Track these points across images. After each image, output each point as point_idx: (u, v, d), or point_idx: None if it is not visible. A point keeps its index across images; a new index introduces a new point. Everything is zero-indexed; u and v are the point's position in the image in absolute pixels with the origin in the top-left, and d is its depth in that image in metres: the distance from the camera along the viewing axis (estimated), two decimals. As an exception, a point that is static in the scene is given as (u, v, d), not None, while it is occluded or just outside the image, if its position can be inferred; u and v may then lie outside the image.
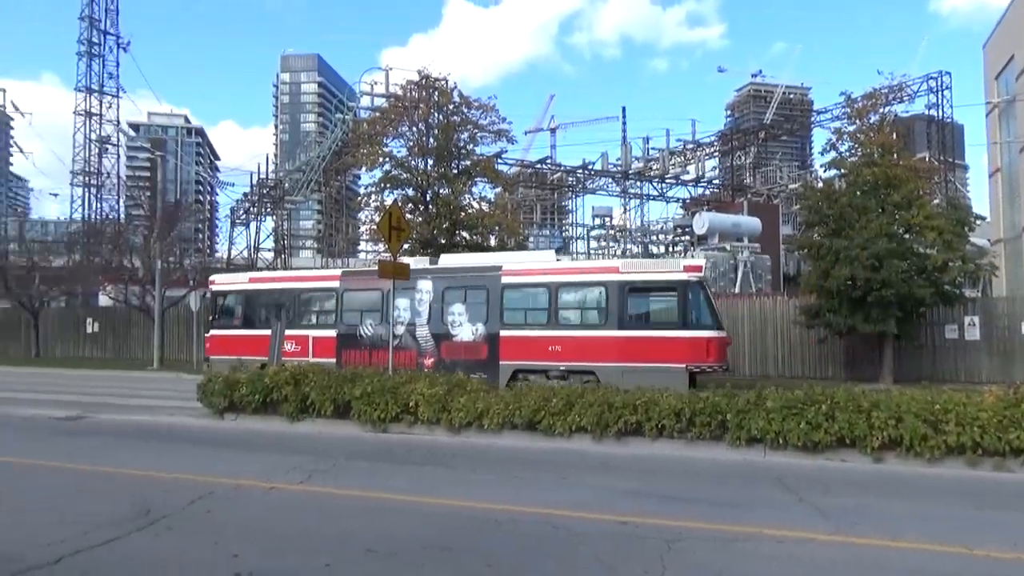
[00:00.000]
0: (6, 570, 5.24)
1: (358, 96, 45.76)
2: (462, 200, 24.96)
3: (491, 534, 6.22)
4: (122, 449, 10.63)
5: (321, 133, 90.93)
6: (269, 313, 21.99)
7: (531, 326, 18.52)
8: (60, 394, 18.97)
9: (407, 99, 25.86)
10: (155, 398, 17.89)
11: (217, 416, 13.44)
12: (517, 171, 49.75)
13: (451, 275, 19.90)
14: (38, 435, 11.98)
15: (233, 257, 50.80)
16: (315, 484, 8.09)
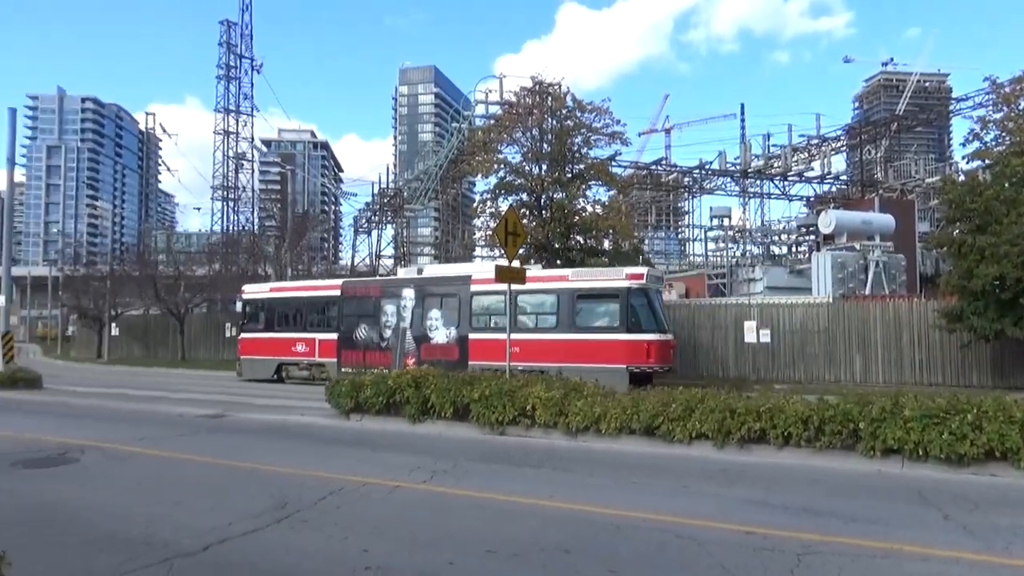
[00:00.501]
0: (161, 555, 5.70)
1: (473, 105, 46.69)
2: (576, 204, 24.97)
3: (611, 539, 6.18)
4: (259, 446, 11.32)
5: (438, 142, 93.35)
6: (284, 318, 25.31)
7: (494, 330, 20.15)
8: (204, 394, 20.42)
9: (521, 105, 26.16)
10: (287, 399, 18.91)
11: (344, 416, 14.04)
12: (631, 173, 49.21)
13: (430, 284, 22.26)
14: (187, 431, 12.95)
15: (356, 264, 52.94)
16: (437, 484, 8.32)
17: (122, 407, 17.12)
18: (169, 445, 11.19)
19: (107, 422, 14.37)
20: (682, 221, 77.96)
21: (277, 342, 25.06)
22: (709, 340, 25.18)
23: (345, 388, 14.11)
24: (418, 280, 22.90)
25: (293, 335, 24.90)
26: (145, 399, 18.65)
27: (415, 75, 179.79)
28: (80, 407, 17.35)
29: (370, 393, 13.66)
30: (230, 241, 51.30)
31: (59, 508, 7.34)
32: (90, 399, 18.90)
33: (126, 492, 8.20)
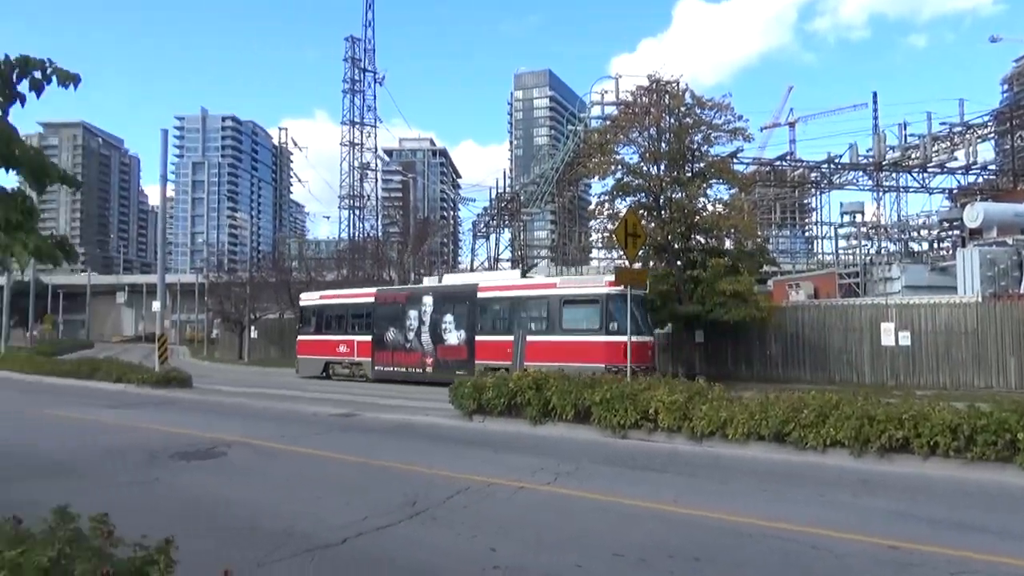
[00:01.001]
0: (303, 546, 6.03)
1: (588, 106, 46.56)
2: (696, 203, 24.35)
3: (742, 548, 5.99)
4: (388, 445, 11.75)
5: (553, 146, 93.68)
6: (331, 322, 28.63)
7: (496, 332, 22.74)
8: (334, 394, 21.42)
9: (637, 105, 25.80)
10: (411, 400, 19.52)
11: (466, 417, 14.33)
12: (754, 170, 47.48)
13: (445, 292, 24.99)
14: (321, 429, 13.64)
15: (475, 268, 53.96)
16: (561, 486, 8.34)
17: (262, 405, 18.23)
18: (306, 442, 11.81)
19: (250, 419, 15.35)
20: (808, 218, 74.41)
21: (325, 343, 28.46)
22: (842, 343, 23.92)
23: (467, 390, 14.39)
24: (435, 288, 25.87)
25: (337, 337, 28.18)
26: (282, 398, 19.78)
27: (529, 79, 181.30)
28: (226, 405, 18.63)
29: (492, 395, 13.86)
30: (356, 247, 53.61)
31: (209, 499, 7.92)
32: (234, 398, 20.25)
33: (269, 486, 8.74)
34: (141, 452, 10.71)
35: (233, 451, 10.89)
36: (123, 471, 9.38)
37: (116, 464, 9.88)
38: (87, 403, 18.63)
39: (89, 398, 20.20)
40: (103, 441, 12.12)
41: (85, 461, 10.15)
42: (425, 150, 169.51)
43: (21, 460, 10.23)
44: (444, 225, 72.61)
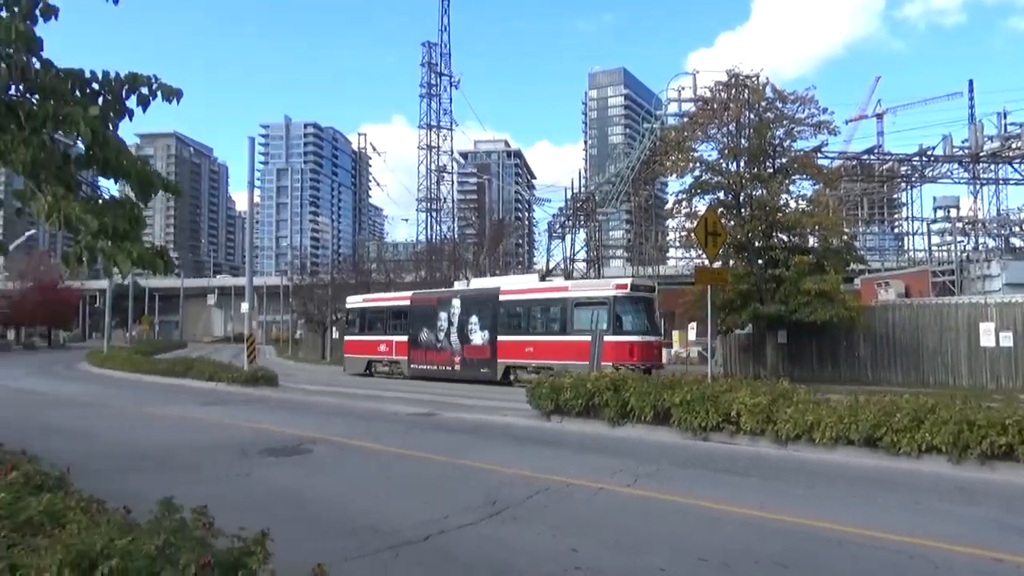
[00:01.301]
0: (387, 542, 6.17)
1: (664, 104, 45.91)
2: (778, 200, 23.64)
3: (833, 556, 5.79)
4: (467, 444, 11.89)
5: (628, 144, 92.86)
6: (372, 323, 30.84)
7: (517, 332, 24.45)
8: (412, 393, 21.80)
9: (716, 101, 25.26)
10: (491, 400, 19.69)
11: (544, 418, 14.35)
12: (839, 164, 45.77)
13: (471, 295, 26.69)
14: (402, 428, 13.91)
15: (551, 269, 53.97)
16: (641, 487, 8.26)
17: (345, 404, 18.72)
18: (388, 440, 12.07)
19: (333, 417, 15.81)
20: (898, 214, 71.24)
21: (367, 343, 30.69)
22: (936, 344, 22.80)
23: (545, 391, 14.41)
24: (463, 292, 27.60)
25: (378, 338, 30.28)
26: (363, 397, 20.27)
27: (604, 79, 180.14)
28: (310, 403, 19.23)
29: (569, 396, 13.84)
30: (433, 249, 54.47)
31: (297, 494, 8.19)
32: (318, 396, 20.88)
33: (354, 482, 8.98)
34: (233, 448, 11.18)
35: (318, 448, 11.23)
36: (217, 466, 9.81)
37: (210, 459, 10.34)
38: (182, 400, 19.57)
39: (184, 395, 21.22)
40: (198, 437, 12.70)
41: (182, 456, 10.66)
42: (500, 152, 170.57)
43: (126, 455, 10.83)
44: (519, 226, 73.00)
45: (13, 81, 2.96)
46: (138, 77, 3.16)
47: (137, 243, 2.98)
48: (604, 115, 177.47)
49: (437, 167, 67.80)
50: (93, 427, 14.47)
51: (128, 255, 2.89)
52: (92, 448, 11.39)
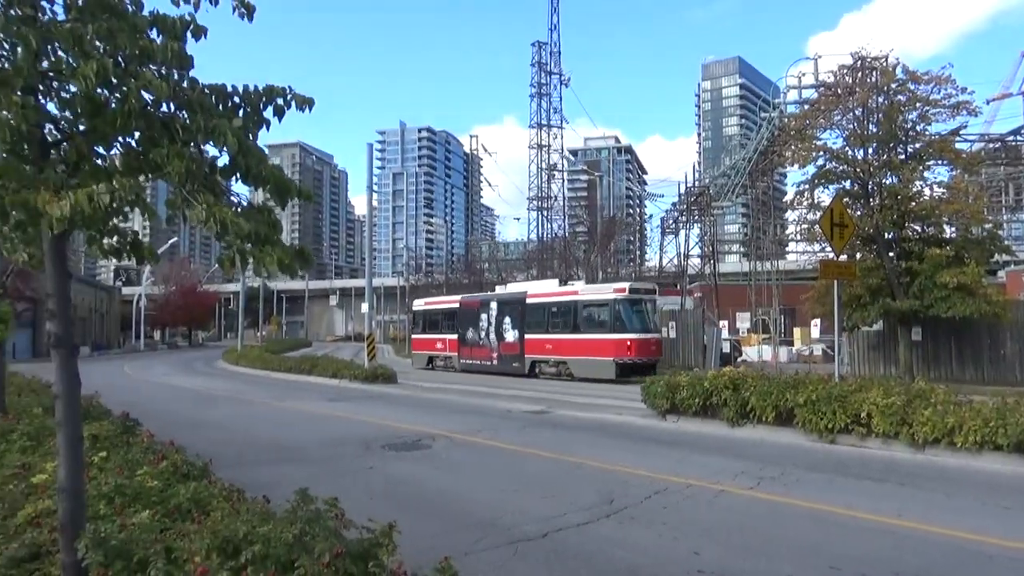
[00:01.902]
0: (506, 537, 6.25)
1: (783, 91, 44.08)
2: (911, 187, 22.17)
3: (981, 570, 5.38)
4: (582, 441, 11.87)
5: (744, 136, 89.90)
6: (431, 323, 34.41)
7: (539, 331, 27.53)
8: (527, 391, 21.97)
9: (840, 85, 23.97)
10: (602, 398, 19.56)
11: (659, 417, 14.11)
12: (980, 148, 42.44)
13: (504, 298, 30.40)
14: (517, 425, 14.06)
15: (663, 266, 53.03)
16: (765, 491, 7.97)
17: (460, 401, 19.13)
18: (504, 437, 12.24)
19: (451, 414, 16.18)
20: (1050, 199, 65.15)
21: (428, 341, 34.53)
22: (1098, 341, 20.74)
23: (661, 389, 14.16)
24: (499, 295, 31.35)
25: (435, 336, 33.80)
26: (478, 394, 20.62)
27: (717, 68, 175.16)
28: (428, 400, 19.77)
29: (686, 394, 13.55)
30: (544, 248, 54.70)
31: (418, 487, 8.44)
32: (435, 393, 21.43)
33: (472, 477, 9.16)
34: (357, 442, 11.65)
35: (437, 443, 11.53)
36: (343, 458, 10.26)
37: (337, 452, 10.83)
38: (309, 396, 20.60)
39: (310, 391, 22.33)
40: (324, 431, 13.34)
41: (311, 448, 11.22)
42: (610, 148, 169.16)
43: (261, 446, 11.52)
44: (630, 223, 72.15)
45: (167, 98, 3.21)
46: (274, 89, 3.37)
47: (278, 246, 3.18)
48: (718, 106, 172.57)
49: (547, 166, 67.98)
50: (231, 420, 15.49)
51: (272, 257, 3.08)
52: (231, 439, 12.19)
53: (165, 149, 3.11)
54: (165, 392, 23.15)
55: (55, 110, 3.44)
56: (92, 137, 3.40)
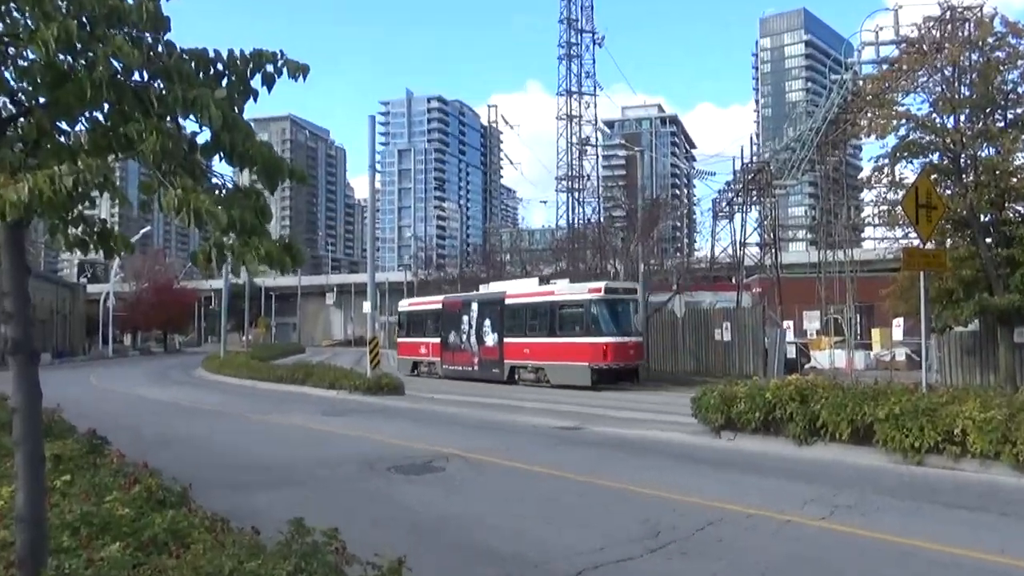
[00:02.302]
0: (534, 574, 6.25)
1: (857, 49, 43.48)
2: (1013, 161, 21.82)
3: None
4: (620, 462, 11.84)
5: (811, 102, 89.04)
6: (414, 326, 36.63)
7: (518, 334, 29.76)
8: (556, 404, 21.96)
9: (926, 41, 23.66)
10: (645, 412, 19.51)
11: (712, 434, 14.05)
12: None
13: (485, 299, 32.34)
14: (545, 443, 14.09)
15: (716, 256, 52.72)
16: (839, 521, 7.89)
17: (480, 416, 19.19)
18: (529, 457, 12.24)
19: (468, 430, 16.24)
20: None
21: (412, 345, 36.47)
22: None
23: (714, 401, 14.09)
24: (479, 296, 33.26)
25: (419, 340, 35.74)
26: (500, 408, 20.67)
27: (778, 23, 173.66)
28: (440, 415, 19.86)
29: (744, 407, 13.47)
30: (576, 236, 54.60)
31: (430, 515, 8.47)
32: (449, 407, 21.51)
33: (491, 504, 9.17)
34: (358, 463, 11.73)
35: (451, 465, 11.57)
36: (342, 482, 10.34)
37: (335, 474, 10.91)
38: (303, 409, 20.77)
39: (304, 404, 22.51)
40: (321, 450, 13.45)
41: (306, 471, 11.31)
42: (652, 118, 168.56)
43: (248, 468, 11.64)
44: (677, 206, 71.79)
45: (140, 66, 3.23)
46: (263, 54, 3.37)
47: (265, 237, 3.17)
48: (780, 68, 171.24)
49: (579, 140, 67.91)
50: (214, 437, 15.67)
51: (256, 252, 3.08)
52: (214, 460, 12.33)
53: (138, 124, 3.12)
54: (137, 405, 23.45)
55: (12, 80, 3.47)
56: (54, 111, 3.42)
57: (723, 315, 32.63)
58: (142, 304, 76.24)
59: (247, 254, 3.12)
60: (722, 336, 31.27)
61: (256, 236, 3.13)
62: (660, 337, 34.93)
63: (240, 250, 3.15)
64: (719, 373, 29.68)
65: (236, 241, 3.14)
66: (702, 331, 32.88)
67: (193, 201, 2.93)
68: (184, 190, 2.97)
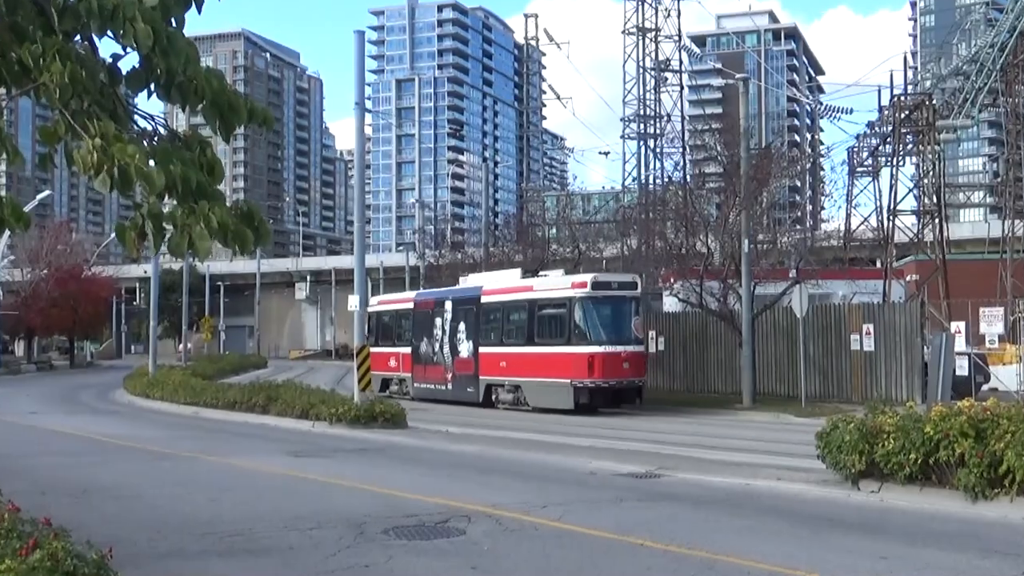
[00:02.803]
0: None
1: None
2: None
3: None
4: (718, 525, 11.87)
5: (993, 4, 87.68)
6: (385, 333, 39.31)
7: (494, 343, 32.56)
8: (620, 440, 21.98)
9: None
10: (747, 452, 19.42)
11: (848, 483, 13.96)
12: None
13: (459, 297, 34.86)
14: (605, 496, 14.12)
15: (853, 229, 52.21)
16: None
17: (511, 456, 19.31)
18: (584, 517, 12.26)
19: (495, 477, 16.32)
20: None
21: (382, 357, 36.83)
22: None
23: (849, 437, 13.97)
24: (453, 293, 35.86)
25: (389, 350, 37.99)
26: (539, 445, 20.74)
27: None
28: (456, 455, 19.97)
29: (894, 447, 13.35)
30: (650, 202, 54.23)
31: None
32: (468, 444, 21.62)
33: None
34: (343, 523, 11.82)
35: (475, 526, 11.61)
36: (320, 551, 10.41)
37: (310, 540, 10.99)
38: (264, 448, 21.06)
39: (267, 440, 22.81)
40: (290, 505, 13.56)
41: (268, 532, 11.42)
42: (761, 31, 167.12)
43: (189, 529, 11.77)
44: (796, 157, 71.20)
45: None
46: (208, -60, 3.40)
47: (218, 203, 3.17)
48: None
49: (655, 63, 67.50)
50: (140, 484, 15.89)
51: (206, 223, 3.07)
52: (143, 517, 12.51)
53: (36, 46, 3.14)
54: (34, 439, 23.89)
55: None
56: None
57: (863, 313, 32.31)
58: (39, 299, 75.70)
59: (194, 226, 3.11)
60: (861, 344, 30.97)
61: (205, 201, 3.12)
62: (771, 344, 34.83)
63: (183, 221, 3.14)
64: (857, 396, 29.47)
65: (178, 210, 3.14)
66: (832, 336, 32.66)
67: (118, 154, 2.93)
68: (104, 138, 2.98)
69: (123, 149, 2.99)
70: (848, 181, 56.42)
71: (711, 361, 38.17)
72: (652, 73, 66.90)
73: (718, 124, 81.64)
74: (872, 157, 56.03)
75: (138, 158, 3.00)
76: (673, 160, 65.70)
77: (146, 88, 3.34)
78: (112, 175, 2.97)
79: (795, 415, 27.96)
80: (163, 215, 3.21)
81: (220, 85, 3.38)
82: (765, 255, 37.26)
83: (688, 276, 37.58)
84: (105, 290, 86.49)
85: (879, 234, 50.63)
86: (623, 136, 69.35)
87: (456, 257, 55.22)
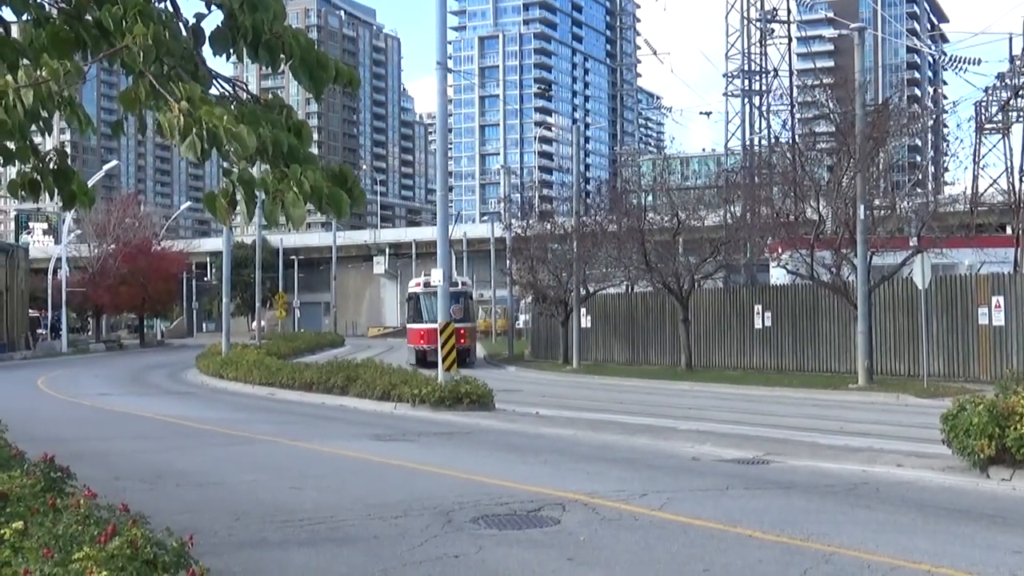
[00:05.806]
0: None
1: None
2: None
3: None
4: (835, 514, 11.74)
5: None
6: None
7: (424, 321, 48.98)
8: (725, 423, 21.88)
9: None
10: (864, 435, 19.21)
11: (976, 470, 13.74)
12: None
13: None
14: (711, 483, 14.06)
15: (981, 192, 51.15)
16: None
17: (605, 440, 19.38)
18: (687, 506, 12.23)
19: (589, 463, 16.32)
20: None
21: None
22: None
23: (978, 420, 13.73)
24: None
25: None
26: (639, 429, 20.67)
27: None
28: (547, 438, 20.06)
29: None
30: (756, 165, 53.60)
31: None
32: (561, 427, 21.67)
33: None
34: (430, 511, 11.93)
35: (570, 515, 11.64)
36: (406, 538, 10.52)
37: (396, 527, 11.12)
38: (344, 431, 21.38)
39: (346, 423, 23.14)
40: (374, 490, 13.77)
41: (352, 520, 11.58)
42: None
43: (272, 514, 11.97)
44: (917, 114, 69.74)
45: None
46: None
47: (310, 165, 3.18)
48: None
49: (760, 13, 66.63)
50: (217, 469, 16.24)
51: (300, 187, 3.08)
52: (220, 504, 12.76)
53: (118, 6, 3.18)
54: (107, 422, 24.47)
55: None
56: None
57: (992, 285, 31.68)
58: (107, 276, 77.08)
59: (287, 192, 3.15)
60: (990, 318, 30.40)
61: (296, 165, 3.14)
62: (888, 319, 34.47)
63: (275, 187, 3.19)
64: (985, 375, 28.96)
65: (269, 175, 3.15)
66: (957, 310, 32.11)
67: (205, 117, 2.95)
68: (190, 102, 3.01)
69: (211, 112, 3.01)
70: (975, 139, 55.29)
71: (823, 337, 37.84)
72: (757, 24, 66.06)
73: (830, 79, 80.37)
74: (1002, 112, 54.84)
75: (227, 120, 3.03)
76: (781, 119, 64.88)
77: (231, 48, 3.37)
78: (201, 138, 2.99)
79: (916, 395, 27.56)
80: (255, 181, 3.25)
81: (308, 42, 3.39)
82: (882, 222, 36.62)
83: (797, 245, 37.17)
84: (175, 266, 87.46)
85: (1010, 197, 49.60)
86: (726, 94, 68.69)
87: (545, 228, 54.99)
